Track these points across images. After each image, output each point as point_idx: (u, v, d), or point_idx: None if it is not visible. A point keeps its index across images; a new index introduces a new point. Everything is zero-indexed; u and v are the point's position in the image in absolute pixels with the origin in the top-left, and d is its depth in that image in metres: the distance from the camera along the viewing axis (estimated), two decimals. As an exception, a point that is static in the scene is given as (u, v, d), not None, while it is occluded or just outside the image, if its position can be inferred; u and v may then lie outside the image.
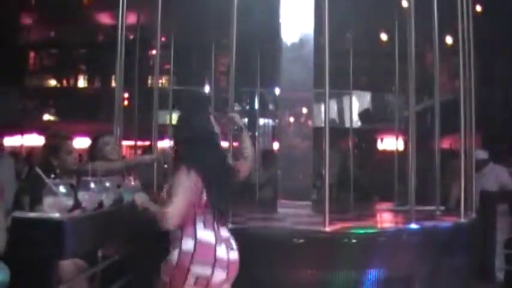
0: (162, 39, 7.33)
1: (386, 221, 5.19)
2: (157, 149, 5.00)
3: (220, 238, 3.09)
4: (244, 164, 3.38)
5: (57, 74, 18.52)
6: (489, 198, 6.01)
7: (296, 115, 5.29)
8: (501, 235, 6.09)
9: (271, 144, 12.87)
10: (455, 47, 5.07)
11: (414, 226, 4.04)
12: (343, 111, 14.12)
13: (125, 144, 7.92)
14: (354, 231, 3.94)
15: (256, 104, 8.59)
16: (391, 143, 8.15)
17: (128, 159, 5.46)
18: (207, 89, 11.68)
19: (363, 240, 3.83)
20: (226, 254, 3.08)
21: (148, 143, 6.16)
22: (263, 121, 13.63)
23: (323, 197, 3.93)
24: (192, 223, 3.05)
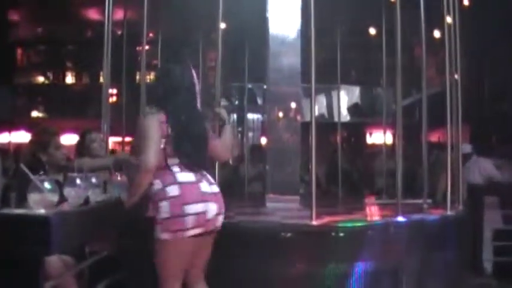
0: (149, 34, 7.31)
1: (373, 215, 5.21)
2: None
3: (199, 176, 3.19)
4: (219, 146, 3.44)
5: (46, 70, 18.40)
6: (476, 191, 6.05)
7: (285, 110, 5.30)
8: (489, 227, 6.13)
9: (260, 139, 12.87)
10: (444, 41, 5.09)
11: (401, 219, 4.07)
12: (332, 106, 14.14)
13: (113, 140, 7.91)
14: (341, 225, 3.95)
15: (245, 99, 8.55)
16: (380, 137, 8.18)
17: (116, 155, 5.44)
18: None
19: (350, 234, 3.84)
20: (209, 188, 3.19)
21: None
22: (252, 116, 13.63)
23: (310, 191, 3.94)
24: (167, 171, 3.14)
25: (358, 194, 7.53)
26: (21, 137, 14.66)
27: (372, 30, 10.50)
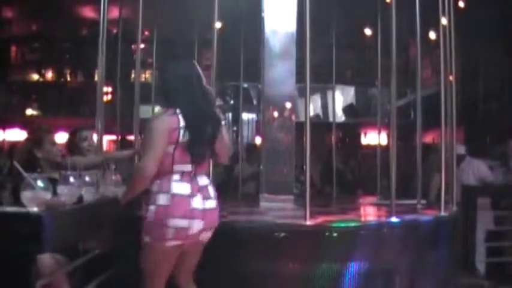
0: (145, 33, 7.29)
1: (367, 215, 5.22)
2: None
3: (196, 188, 3.17)
4: (218, 148, 3.36)
5: (40, 68, 18.32)
6: (470, 192, 6.07)
7: (280, 109, 5.30)
8: (482, 228, 6.15)
9: (255, 138, 12.88)
10: (439, 41, 5.10)
11: (395, 220, 4.07)
12: (327, 106, 14.14)
13: (107, 138, 7.88)
14: (335, 225, 3.95)
15: (240, 98, 8.54)
16: (375, 138, 8.20)
17: (107, 153, 5.43)
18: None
19: (344, 234, 3.85)
20: (201, 204, 3.16)
21: (120, 137, 6.11)
22: (247, 115, 13.62)
23: (305, 190, 3.95)
24: (168, 177, 3.13)
25: (353, 194, 7.54)
26: (16, 134, 14.61)
27: (368, 31, 10.50)
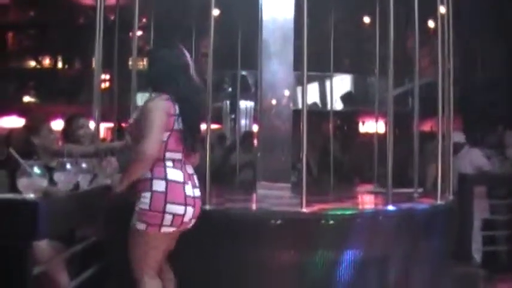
0: (142, 20, 7.23)
1: (364, 203, 5.23)
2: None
3: (187, 176, 3.22)
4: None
5: (37, 55, 18.26)
6: (467, 181, 6.08)
7: (277, 97, 5.29)
8: (478, 217, 6.17)
9: (253, 126, 12.86)
10: (437, 30, 5.08)
11: (391, 208, 4.08)
12: (325, 94, 14.13)
13: (104, 126, 7.87)
14: (331, 213, 3.96)
15: (238, 86, 8.52)
16: (373, 126, 8.20)
17: (99, 143, 5.42)
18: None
19: (340, 222, 3.85)
20: (192, 192, 3.22)
21: (117, 125, 6.08)
22: (245, 103, 13.58)
23: (301, 178, 3.95)
24: (160, 164, 3.15)
25: (350, 182, 7.55)
26: (13, 122, 14.59)
27: (366, 19, 10.47)
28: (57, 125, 5.42)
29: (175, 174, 3.17)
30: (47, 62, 18.33)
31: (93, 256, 3.63)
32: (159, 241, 3.18)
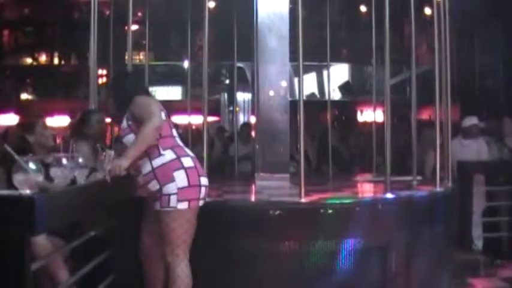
0: (138, 14, 7.20)
1: (363, 192, 5.23)
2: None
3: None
4: None
5: (33, 52, 18.19)
6: (466, 168, 6.07)
7: (274, 88, 5.27)
8: (478, 204, 6.16)
9: (250, 117, 12.85)
10: (433, 18, 5.06)
11: (390, 196, 4.08)
12: (323, 84, 14.10)
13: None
14: (330, 202, 3.96)
15: (235, 77, 8.49)
16: (371, 115, 8.17)
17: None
18: (186, 64, 11.60)
19: (339, 211, 3.86)
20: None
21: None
22: (242, 95, 13.56)
23: (300, 168, 3.94)
24: (172, 142, 3.37)
25: (349, 171, 7.54)
26: (10, 119, 14.55)
27: (363, 8, 10.42)
28: (55, 121, 5.41)
29: (189, 151, 3.42)
30: (43, 58, 18.26)
31: (93, 251, 3.62)
32: (195, 216, 3.33)
